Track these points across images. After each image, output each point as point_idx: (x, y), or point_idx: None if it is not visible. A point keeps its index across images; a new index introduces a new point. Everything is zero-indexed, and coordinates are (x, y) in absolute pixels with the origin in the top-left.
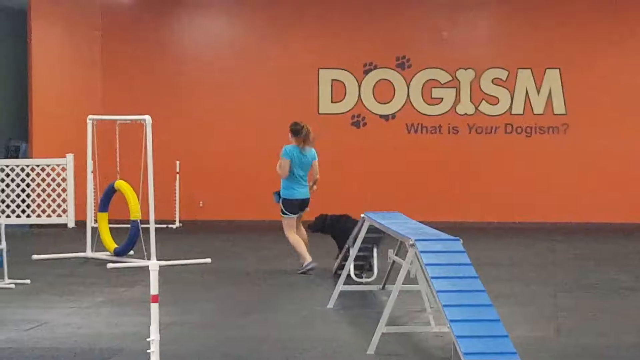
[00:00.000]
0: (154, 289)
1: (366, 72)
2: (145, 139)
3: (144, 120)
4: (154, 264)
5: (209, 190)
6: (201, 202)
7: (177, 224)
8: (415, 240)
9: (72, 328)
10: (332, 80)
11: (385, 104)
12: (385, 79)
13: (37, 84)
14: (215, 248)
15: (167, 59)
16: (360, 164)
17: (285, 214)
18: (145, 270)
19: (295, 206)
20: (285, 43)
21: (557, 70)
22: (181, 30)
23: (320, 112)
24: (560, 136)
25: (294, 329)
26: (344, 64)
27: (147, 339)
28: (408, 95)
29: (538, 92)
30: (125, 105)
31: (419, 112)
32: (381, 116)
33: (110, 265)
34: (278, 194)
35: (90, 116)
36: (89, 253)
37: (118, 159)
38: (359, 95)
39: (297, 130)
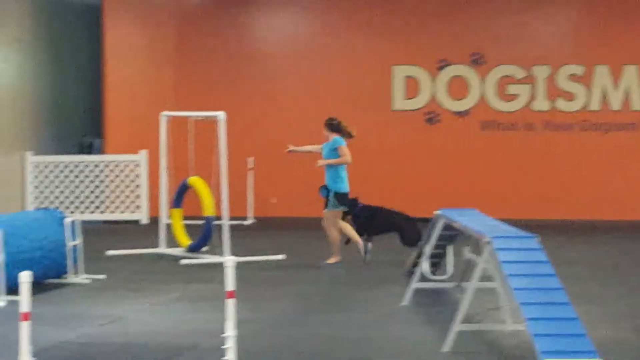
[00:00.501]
0: (229, 285)
1: (440, 69)
2: (219, 136)
3: (218, 116)
4: (229, 260)
5: (282, 187)
6: (274, 199)
7: (250, 220)
8: (492, 237)
9: (146, 324)
10: (406, 77)
11: (459, 100)
12: (459, 76)
13: (110, 81)
14: (289, 245)
15: (241, 55)
16: (433, 160)
17: (337, 207)
18: (218, 266)
19: (346, 199)
20: (359, 40)
21: (635, 66)
22: (255, 26)
23: (393, 108)
24: (638, 133)
25: (368, 327)
26: (417, 60)
27: (222, 335)
28: (482, 92)
29: (615, 88)
30: (198, 102)
31: (493, 108)
32: (455, 113)
33: (183, 261)
34: (326, 188)
35: (164, 112)
36: (162, 249)
37: (192, 156)
38: (433, 91)
39: (337, 126)
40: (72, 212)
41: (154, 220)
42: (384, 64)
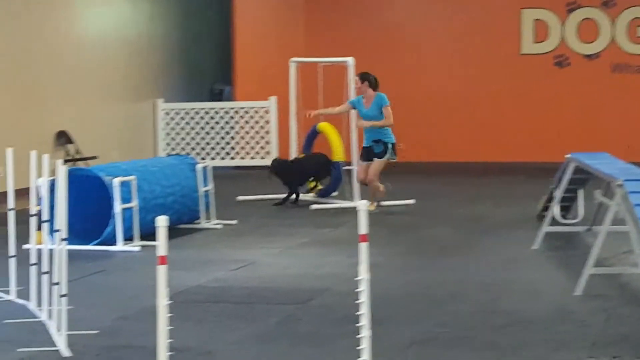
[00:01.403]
0: (362, 229)
1: (570, 11)
2: (348, 81)
3: (347, 62)
4: (362, 204)
5: (411, 133)
6: (402, 144)
7: None
8: (624, 180)
9: (278, 268)
10: (535, 20)
11: (589, 43)
12: (589, 18)
13: (240, 28)
14: (418, 190)
15: (370, 1)
16: (563, 104)
17: (393, 157)
18: (348, 211)
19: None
20: None
21: None
22: None
23: (522, 52)
24: None
25: (498, 270)
26: (547, 3)
27: (355, 279)
28: (613, 35)
29: None
30: (328, 48)
31: (624, 51)
32: (585, 56)
33: (313, 206)
34: (380, 142)
35: (293, 59)
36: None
37: (321, 102)
38: (562, 35)
39: (376, 82)
40: (202, 159)
41: None
42: (513, 8)
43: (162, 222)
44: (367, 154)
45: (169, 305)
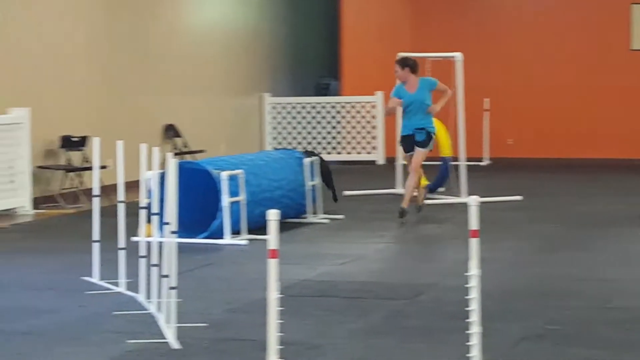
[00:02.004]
0: (473, 224)
1: None
2: (456, 77)
3: (455, 57)
4: (473, 199)
5: (518, 128)
6: (510, 140)
7: (486, 161)
8: None
9: (385, 263)
10: None
11: None
12: None
13: (347, 22)
14: (526, 186)
15: None
16: None
17: (431, 148)
18: (454, 207)
19: None
20: None
21: None
22: None
23: (632, 48)
24: None
25: (611, 267)
26: None
27: (465, 274)
28: None
29: None
30: (434, 43)
31: None
32: None
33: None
34: (424, 131)
35: (400, 54)
36: (398, 190)
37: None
38: None
39: (416, 65)
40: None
41: (390, 161)
42: (623, 3)
43: (273, 215)
44: (410, 143)
45: (278, 299)
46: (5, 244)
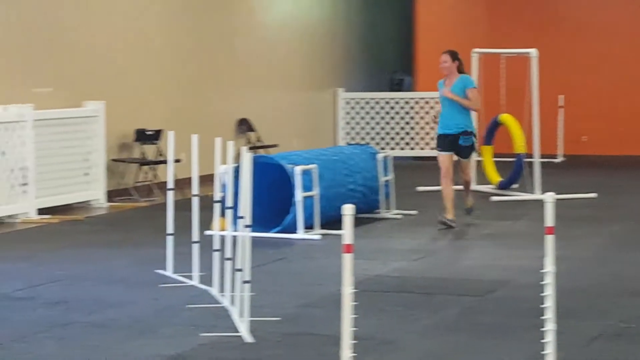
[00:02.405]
0: (549, 221)
1: None
2: (531, 73)
3: (530, 53)
4: (549, 196)
5: (593, 125)
6: (584, 137)
7: (560, 158)
8: None
9: (459, 259)
10: None
11: None
12: None
13: (422, 17)
14: (601, 183)
15: None
16: None
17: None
18: (529, 203)
19: None
20: None
21: None
22: None
23: None
24: None
25: None
26: None
27: (539, 271)
28: None
29: None
30: (510, 38)
31: None
32: None
33: (494, 198)
34: (468, 133)
35: (475, 49)
36: (472, 186)
37: (503, 93)
38: None
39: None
40: (382, 148)
41: None
42: None
43: (348, 210)
44: (452, 144)
45: (352, 294)
46: (79, 237)
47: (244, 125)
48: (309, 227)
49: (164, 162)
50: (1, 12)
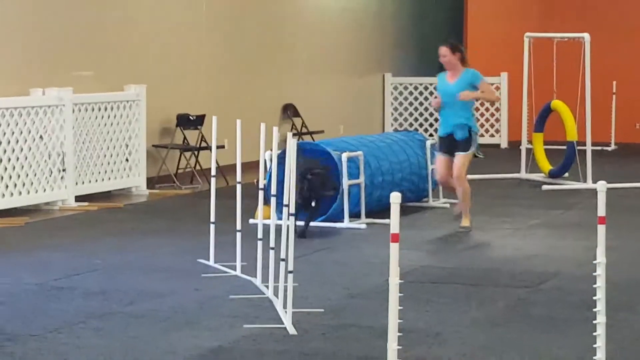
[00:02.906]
0: (601, 210)
1: None
2: (584, 58)
3: (583, 38)
4: (601, 185)
5: None
6: (638, 124)
7: (613, 146)
8: None
9: (509, 250)
10: None
11: None
12: None
13: (472, 2)
14: None
15: None
16: None
17: (477, 148)
18: (581, 192)
19: None
20: None
21: None
22: None
23: None
24: None
25: None
26: None
27: (591, 262)
28: None
29: None
30: (563, 23)
31: None
32: None
33: (545, 187)
34: (464, 127)
35: (527, 34)
36: (523, 174)
37: (555, 78)
38: None
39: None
40: (430, 135)
41: (514, 145)
42: None
43: (395, 198)
44: (449, 144)
45: (399, 285)
46: (120, 225)
47: (290, 111)
48: (354, 215)
49: (207, 148)
50: None
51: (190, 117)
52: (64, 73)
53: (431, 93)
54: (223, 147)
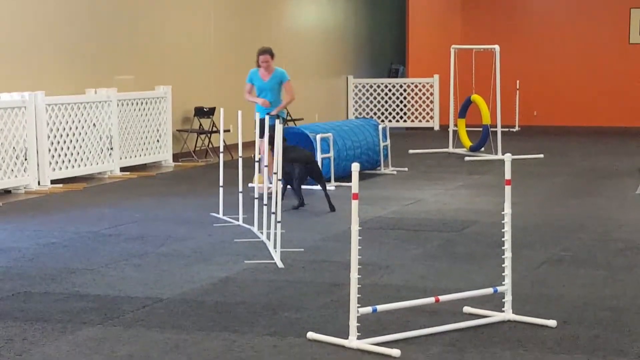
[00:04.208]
0: (507, 175)
1: None
2: (495, 63)
3: (494, 48)
4: (507, 156)
5: (542, 102)
6: (535, 112)
7: (517, 128)
8: None
9: (440, 204)
10: None
11: None
12: None
13: (413, 20)
14: (547, 147)
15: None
16: None
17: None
18: (493, 162)
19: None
20: None
21: None
22: None
23: (630, 42)
24: None
25: (612, 210)
26: None
27: (501, 213)
28: None
29: None
30: (479, 37)
31: None
32: None
33: (467, 158)
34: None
35: (453, 45)
36: (450, 149)
37: (473, 78)
38: None
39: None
40: (382, 121)
41: (444, 128)
42: (623, 7)
43: (355, 168)
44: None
45: (359, 231)
46: (153, 189)
47: None
48: (326, 180)
49: (217, 131)
50: (91, 14)
51: (204, 109)
52: (111, 77)
53: (382, 90)
54: (229, 130)
